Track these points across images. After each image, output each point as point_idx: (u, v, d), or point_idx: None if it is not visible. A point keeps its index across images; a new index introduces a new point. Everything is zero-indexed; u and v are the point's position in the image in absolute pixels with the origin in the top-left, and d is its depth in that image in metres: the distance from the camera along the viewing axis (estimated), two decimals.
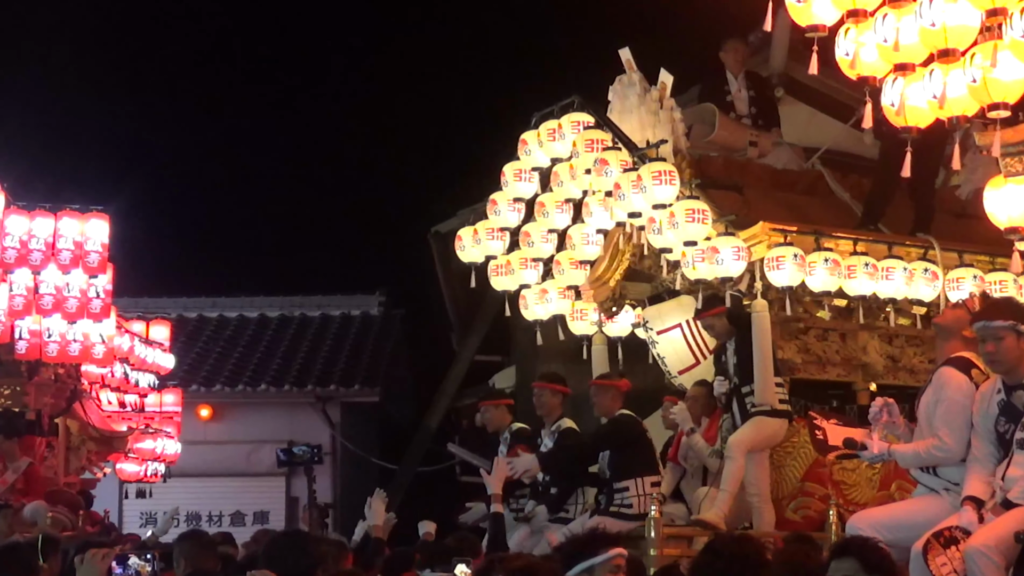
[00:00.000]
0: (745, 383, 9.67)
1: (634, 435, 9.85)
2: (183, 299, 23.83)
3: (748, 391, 9.64)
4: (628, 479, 9.72)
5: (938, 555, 6.52)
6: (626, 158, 9.74)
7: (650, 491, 9.63)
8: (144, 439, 16.20)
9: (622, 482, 9.73)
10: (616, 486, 9.75)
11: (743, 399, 9.70)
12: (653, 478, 9.80)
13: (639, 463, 9.79)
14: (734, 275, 9.35)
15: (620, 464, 9.78)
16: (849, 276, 9.60)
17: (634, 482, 9.70)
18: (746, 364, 9.64)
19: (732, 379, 9.81)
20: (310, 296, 24.26)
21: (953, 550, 6.51)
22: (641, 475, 9.73)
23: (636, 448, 9.82)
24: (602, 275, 11.15)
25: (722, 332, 9.89)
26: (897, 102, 7.28)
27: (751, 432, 9.52)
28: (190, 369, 20.94)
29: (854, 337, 10.19)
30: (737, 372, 9.77)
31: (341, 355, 22.21)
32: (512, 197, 10.91)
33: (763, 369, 9.51)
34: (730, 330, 9.81)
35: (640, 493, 9.66)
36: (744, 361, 9.67)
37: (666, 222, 9.35)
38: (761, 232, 9.52)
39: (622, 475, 9.75)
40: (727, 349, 9.91)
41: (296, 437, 20.77)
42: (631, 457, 9.78)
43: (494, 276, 11.23)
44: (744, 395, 9.69)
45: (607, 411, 10.09)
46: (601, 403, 10.14)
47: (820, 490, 9.68)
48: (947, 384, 7.05)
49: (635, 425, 9.92)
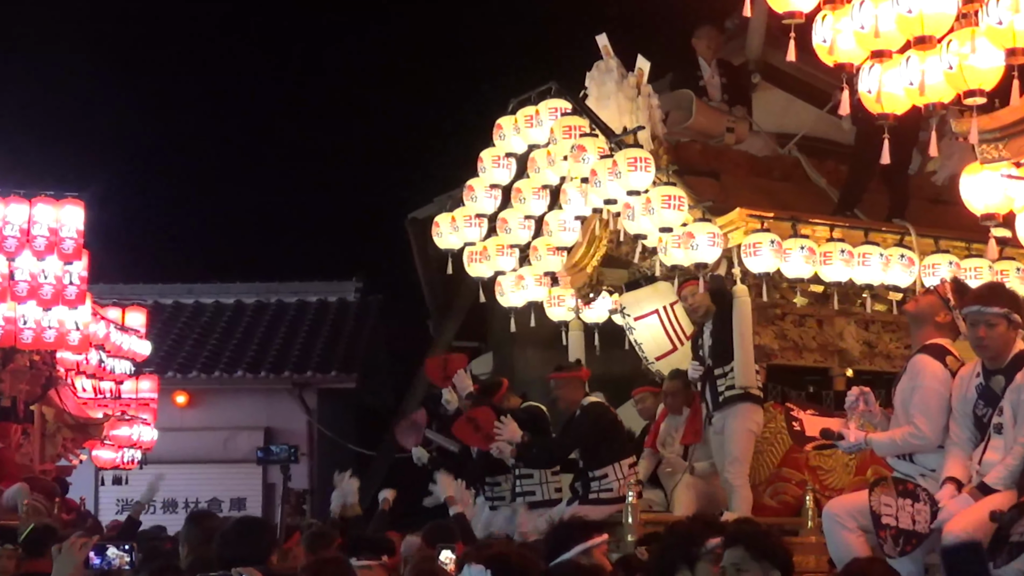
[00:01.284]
0: (719, 365, 9.67)
1: (607, 422, 9.85)
2: (159, 285, 23.76)
3: (721, 373, 9.65)
4: (607, 466, 9.72)
5: (886, 495, 6.50)
6: (604, 145, 9.73)
7: (628, 474, 9.64)
8: (120, 426, 16.16)
9: (601, 470, 9.72)
10: (594, 474, 9.74)
11: (715, 381, 9.70)
12: (630, 460, 9.80)
13: (615, 448, 9.78)
14: (709, 261, 9.35)
15: (597, 453, 9.77)
16: (825, 262, 9.61)
17: (612, 468, 9.69)
18: (721, 346, 9.64)
19: (706, 361, 9.81)
20: (287, 282, 24.21)
21: (906, 501, 6.50)
22: (617, 460, 9.73)
23: (609, 434, 9.82)
24: (579, 261, 11.14)
25: (699, 307, 9.86)
26: (874, 89, 7.29)
27: (742, 446, 9.47)
28: (166, 356, 20.89)
29: (831, 323, 10.21)
30: (712, 354, 9.77)
31: (318, 341, 22.17)
32: (489, 183, 10.90)
33: (744, 353, 9.51)
34: (708, 309, 9.80)
35: (620, 476, 9.66)
36: (719, 343, 9.67)
37: (641, 208, 9.35)
38: (738, 218, 9.52)
39: (600, 463, 9.74)
40: (704, 332, 9.92)
41: (273, 424, 20.81)
42: (607, 444, 9.78)
43: (471, 263, 11.22)
44: (716, 377, 9.69)
45: (571, 402, 10.05)
46: (564, 395, 10.11)
47: (797, 475, 9.70)
48: (922, 372, 7.07)
49: (606, 412, 9.91)
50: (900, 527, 6.44)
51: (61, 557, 5.61)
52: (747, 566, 5.21)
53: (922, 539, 6.52)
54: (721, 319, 9.69)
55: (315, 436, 21.14)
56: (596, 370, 11.20)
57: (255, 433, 20.45)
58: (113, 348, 15.13)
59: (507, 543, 6.75)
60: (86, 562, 5.64)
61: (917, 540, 6.50)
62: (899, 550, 6.46)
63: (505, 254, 11.14)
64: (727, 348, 9.59)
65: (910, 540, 6.47)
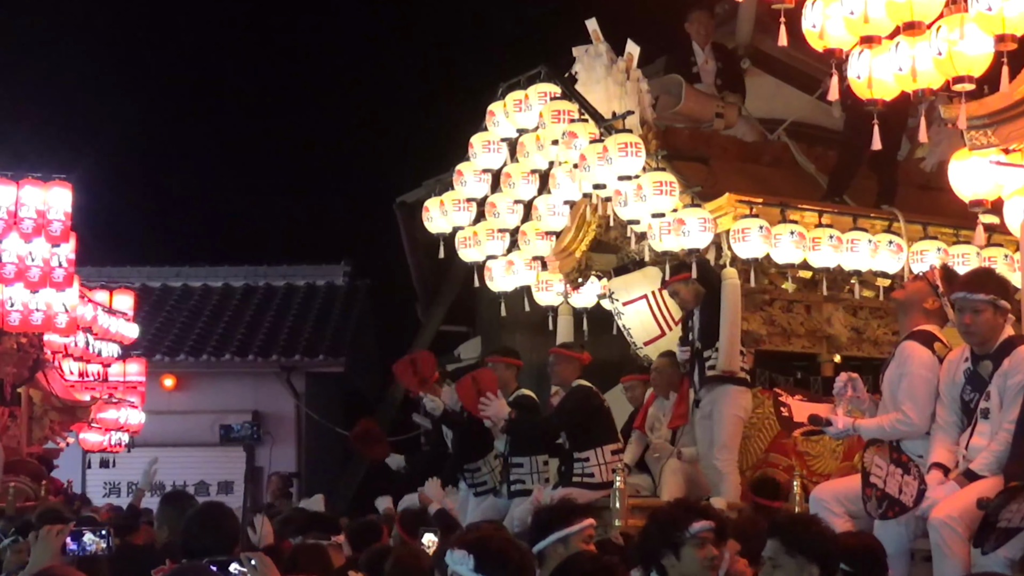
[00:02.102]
0: (707, 347, 9.68)
1: (593, 406, 9.86)
2: (147, 268, 23.72)
3: (709, 355, 9.66)
4: (588, 449, 9.73)
5: (879, 456, 6.50)
6: (594, 130, 9.72)
7: (611, 460, 9.65)
8: (107, 409, 16.16)
9: (583, 452, 9.74)
10: (577, 456, 9.76)
11: (703, 362, 9.71)
12: (613, 446, 9.80)
13: (599, 433, 9.80)
14: (700, 247, 9.36)
15: (580, 434, 9.79)
16: (814, 248, 9.62)
17: (595, 452, 9.70)
18: (709, 328, 9.65)
19: (695, 343, 9.83)
20: (275, 266, 24.19)
21: (896, 470, 6.50)
22: (601, 444, 9.74)
23: (595, 418, 9.83)
24: (568, 246, 11.14)
25: (689, 298, 9.89)
26: (864, 74, 7.29)
27: (730, 431, 9.49)
28: (154, 339, 20.86)
29: (819, 309, 10.22)
30: (700, 336, 9.79)
31: (306, 325, 22.16)
32: (479, 168, 10.89)
33: (730, 336, 9.52)
34: (698, 295, 9.81)
35: (601, 462, 9.67)
36: (707, 325, 9.68)
37: (633, 194, 9.35)
38: (727, 204, 9.52)
39: (583, 445, 9.76)
40: (693, 315, 9.93)
41: (261, 407, 20.81)
42: (591, 427, 9.80)
43: (461, 247, 11.24)
44: (705, 359, 9.71)
45: (564, 381, 10.10)
46: (560, 372, 10.14)
47: (784, 461, 9.72)
48: (910, 358, 7.08)
49: (593, 396, 9.92)
50: (886, 491, 6.43)
51: (38, 545, 5.60)
52: (781, 560, 5.13)
53: (905, 510, 6.51)
54: (710, 302, 9.70)
55: (303, 419, 21.15)
56: None
57: (243, 416, 20.36)
58: (101, 331, 15.12)
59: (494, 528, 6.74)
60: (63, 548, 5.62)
61: (900, 509, 6.49)
62: (880, 512, 6.47)
63: (495, 238, 11.15)
64: (715, 329, 9.60)
65: (893, 506, 6.47)
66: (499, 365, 10.50)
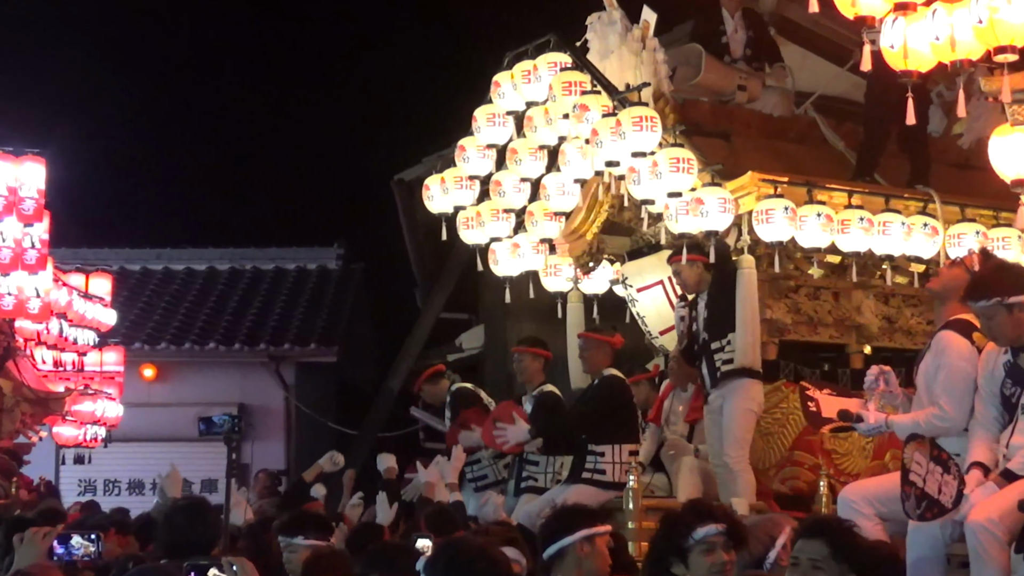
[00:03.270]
0: (716, 338, 9.69)
1: (622, 400, 9.88)
2: (126, 250, 23.73)
3: (718, 347, 9.67)
4: (606, 444, 9.75)
5: (920, 452, 6.47)
6: (607, 102, 9.71)
7: (627, 460, 9.64)
8: (83, 401, 16.15)
9: (599, 446, 9.76)
10: (592, 448, 9.77)
11: (712, 356, 9.72)
12: (631, 446, 9.81)
13: (620, 429, 9.81)
14: (720, 229, 9.36)
15: (600, 426, 9.80)
16: (843, 231, 9.61)
17: (611, 448, 9.72)
18: (719, 318, 9.67)
19: (701, 335, 9.83)
20: (263, 248, 24.18)
21: (936, 468, 6.47)
22: (619, 442, 9.75)
23: (620, 413, 9.85)
24: (578, 228, 11.14)
25: (690, 282, 9.90)
26: (897, 44, 7.27)
27: (742, 426, 9.50)
28: (133, 326, 20.87)
29: (848, 296, 10.22)
30: (708, 327, 9.79)
31: (296, 312, 22.16)
32: (483, 143, 10.87)
33: (749, 329, 9.53)
34: (701, 281, 9.81)
35: (616, 460, 9.69)
36: (718, 316, 9.70)
37: (648, 172, 9.33)
38: (749, 183, 9.52)
39: (600, 438, 9.78)
40: (698, 302, 9.93)
41: (247, 399, 20.81)
42: (613, 421, 9.81)
43: (463, 228, 11.22)
44: (714, 352, 9.71)
45: (596, 368, 10.10)
46: (592, 359, 10.14)
47: (810, 459, 9.74)
48: (947, 349, 7.07)
49: (624, 389, 9.94)
50: (925, 491, 6.41)
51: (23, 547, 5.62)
52: (826, 565, 5.14)
53: (943, 512, 6.49)
54: (720, 289, 9.71)
55: (293, 413, 21.15)
56: None
57: (228, 409, 20.27)
58: (76, 317, 15.10)
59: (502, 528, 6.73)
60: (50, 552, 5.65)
61: (939, 510, 6.46)
62: (919, 513, 6.44)
63: (499, 219, 11.14)
64: (726, 320, 9.61)
65: (932, 507, 6.44)
66: (525, 356, 10.51)
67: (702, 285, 9.86)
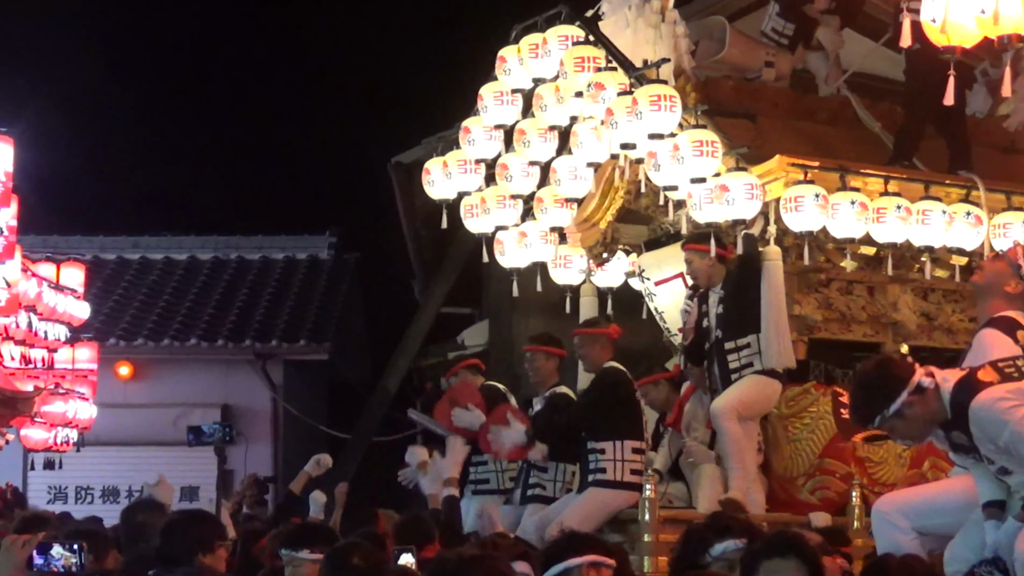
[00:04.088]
0: (731, 337, 9.72)
1: (623, 393, 9.88)
2: (100, 238, 23.75)
3: (733, 348, 9.71)
4: (606, 440, 9.75)
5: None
6: (623, 79, 9.71)
7: (630, 458, 9.67)
8: (53, 401, 16.17)
9: (599, 443, 9.76)
10: (592, 446, 9.78)
11: (724, 356, 9.75)
12: (635, 443, 9.79)
13: (621, 423, 9.80)
14: (747, 217, 9.36)
15: (599, 422, 9.81)
16: (879, 220, 9.63)
17: (612, 444, 9.71)
18: (735, 315, 9.71)
19: (713, 332, 9.85)
20: (249, 236, 24.20)
21: None
22: (621, 437, 9.74)
23: (620, 406, 9.85)
24: (591, 215, 11.15)
25: (701, 274, 9.93)
26: (939, 17, 7.27)
27: (742, 393, 9.57)
28: (108, 320, 20.89)
29: (883, 291, 10.24)
30: (722, 324, 9.81)
31: (284, 305, 22.18)
32: (488, 123, 10.88)
33: (778, 328, 9.55)
34: (715, 273, 9.82)
35: (618, 458, 9.69)
36: (735, 313, 9.73)
37: (668, 155, 9.33)
38: (777, 167, 9.54)
39: (600, 434, 9.77)
40: (709, 296, 9.94)
41: (232, 400, 20.83)
42: (613, 414, 9.80)
43: (467, 216, 11.23)
44: (727, 351, 9.74)
45: (596, 363, 10.11)
46: (590, 355, 10.16)
47: (841, 468, 9.74)
48: (989, 349, 7.05)
49: (625, 382, 9.94)
50: None
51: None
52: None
53: None
54: (738, 284, 9.73)
55: (280, 415, 21.17)
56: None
57: (210, 411, 20.45)
58: (46, 310, 15.12)
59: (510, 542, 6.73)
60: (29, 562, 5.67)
61: None
62: None
63: (506, 206, 11.15)
64: (745, 318, 9.64)
65: None
66: (538, 355, 10.49)
67: (714, 278, 9.87)
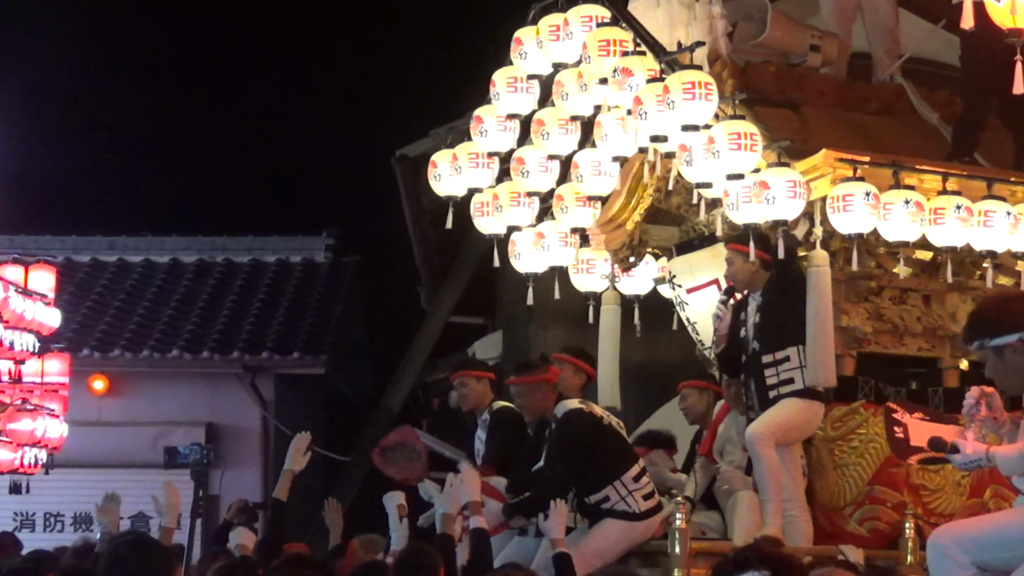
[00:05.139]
0: (769, 351, 9.71)
1: (589, 437, 9.83)
2: (72, 238, 23.79)
3: (770, 362, 9.69)
4: (601, 488, 9.76)
5: None
6: (653, 65, 9.70)
7: (635, 487, 9.71)
8: (20, 418, 16.18)
9: (597, 494, 9.78)
10: (591, 500, 9.80)
11: (762, 372, 9.73)
12: (632, 471, 9.80)
13: (607, 464, 9.80)
14: (789, 218, 9.35)
15: (584, 476, 9.80)
16: (936, 221, 9.62)
17: (611, 488, 9.74)
18: (773, 326, 9.72)
19: (750, 343, 9.84)
20: (237, 236, 24.23)
21: None
22: (615, 477, 9.75)
23: (598, 450, 9.82)
24: (617, 215, 11.16)
25: (741, 278, 9.93)
26: None
27: (779, 417, 9.55)
28: (81, 328, 20.92)
29: (940, 300, 10.24)
30: (760, 335, 9.81)
31: (276, 313, 22.19)
32: (502, 113, 10.87)
33: (821, 340, 9.52)
34: (755, 279, 9.80)
35: (622, 495, 9.72)
36: (773, 324, 9.74)
37: (703, 149, 9.31)
38: (823, 163, 9.53)
39: (592, 487, 9.79)
40: (747, 304, 9.94)
41: (217, 418, 20.83)
42: (594, 463, 9.79)
43: (478, 215, 11.23)
44: (764, 366, 9.73)
45: (540, 410, 10.11)
46: (529, 405, 10.15)
47: (893, 496, 9.73)
48: None
49: (588, 422, 9.87)
50: None
51: None
52: None
53: None
54: (779, 291, 9.72)
55: (271, 435, 21.16)
56: (636, 357, 11.22)
57: (194, 430, 20.46)
58: (12, 317, 15.13)
59: None
60: None
61: None
62: None
63: (521, 204, 11.15)
64: (784, 330, 9.65)
65: None
66: (567, 366, 10.46)
67: (755, 284, 9.85)
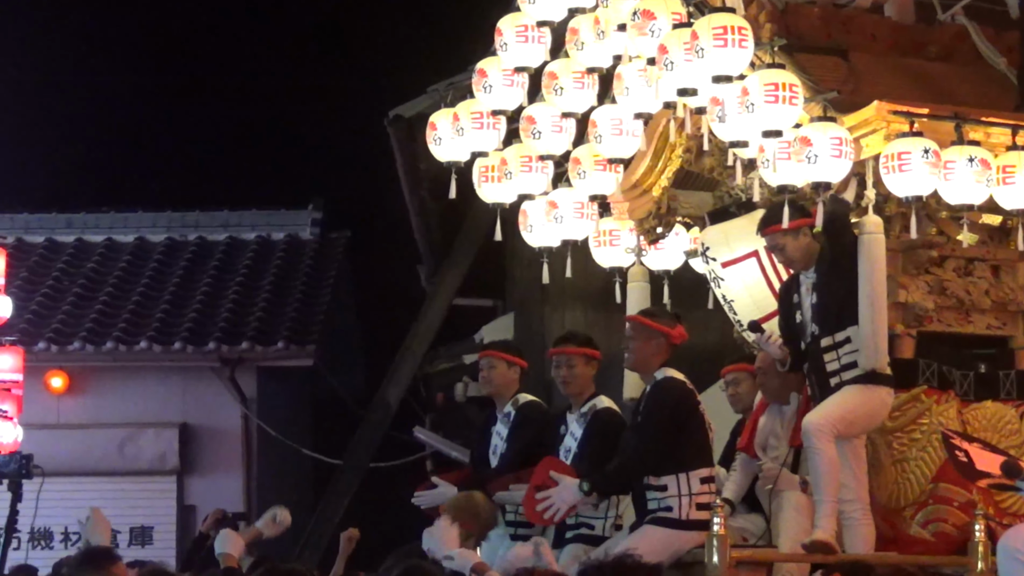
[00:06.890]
0: (828, 332, 9.73)
1: (685, 411, 9.91)
2: (23, 215, 23.84)
3: (830, 344, 9.71)
4: (668, 474, 9.81)
5: None
6: (679, 8, 9.68)
7: (699, 490, 9.76)
8: None
9: (660, 478, 9.82)
10: (650, 483, 9.83)
11: (821, 356, 9.75)
12: (702, 472, 9.88)
13: (686, 451, 9.87)
14: (834, 180, 9.35)
15: (657, 452, 9.83)
16: (1005, 181, 9.61)
17: (676, 478, 9.79)
18: (832, 307, 9.72)
19: (809, 327, 9.86)
20: (212, 211, 24.26)
21: None
22: (686, 468, 9.81)
23: (685, 430, 9.89)
24: (642, 180, 11.16)
25: (796, 257, 9.94)
26: None
27: (839, 407, 9.54)
28: (35, 319, 20.96)
29: (1011, 271, 10.26)
30: (818, 317, 9.82)
31: (258, 298, 22.22)
32: (509, 65, 10.86)
33: (875, 316, 9.54)
34: (810, 254, 9.81)
35: (684, 493, 9.77)
36: (831, 302, 9.74)
37: (736, 103, 9.30)
38: (875, 116, 9.52)
39: (660, 468, 9.83)
40: (801, 283, 9.94)
41: (192, 418, 20.88)
42: (676, 443, 9.84)
43: (483, 182, 11.22)
44: (823, 350, 9.74)
45: (645, 367, 10.15)
46: (639, 354, 10.18)
47: (961, 495, 9.74)
48: None
49: (688, 396, 9.95)
50: None
51: None
52: None
53: None
54: (834, 265, 9.74)
55: (253, 436, 21.19)
56: None
57: (166, 432, 20.54)
58: None
59: None
60: None
61: None
62: None
63: (533, 169, 11.13)
64: (843, 308, 9.67)
65: None
66: (578, 358, 10.47)
67: (811, 259, 9.84)
